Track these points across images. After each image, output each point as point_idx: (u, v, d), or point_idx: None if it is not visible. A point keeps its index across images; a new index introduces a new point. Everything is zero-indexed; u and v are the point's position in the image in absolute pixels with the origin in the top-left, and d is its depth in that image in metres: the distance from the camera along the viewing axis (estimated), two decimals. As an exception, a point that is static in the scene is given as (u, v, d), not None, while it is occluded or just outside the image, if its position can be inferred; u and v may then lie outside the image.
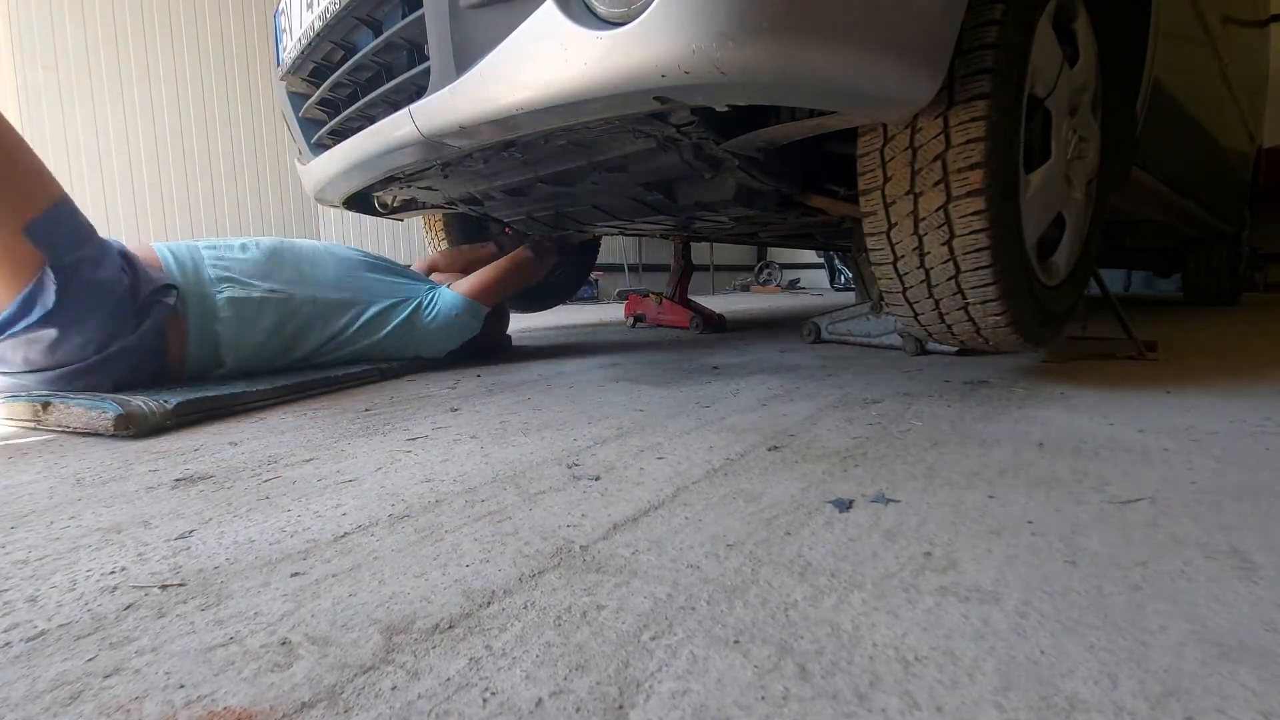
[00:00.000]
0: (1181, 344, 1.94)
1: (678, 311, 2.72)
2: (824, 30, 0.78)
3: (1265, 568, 0.50)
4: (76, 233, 1.21)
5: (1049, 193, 1.15)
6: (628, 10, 0.79)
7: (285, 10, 1.42)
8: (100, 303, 1.20)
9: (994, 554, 0.54)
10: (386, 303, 1.62)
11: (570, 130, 1.05)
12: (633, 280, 6.28)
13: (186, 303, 1.34)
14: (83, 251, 1.19)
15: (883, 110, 0.94)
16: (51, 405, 1.07)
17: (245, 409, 1.21)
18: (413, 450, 0.91)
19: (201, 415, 1.15)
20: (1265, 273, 5.36)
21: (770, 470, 0.78)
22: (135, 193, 3.29)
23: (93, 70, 3.23)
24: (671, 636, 0.43)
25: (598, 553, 0.56)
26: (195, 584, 0.52)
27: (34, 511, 0.69)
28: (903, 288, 1.13)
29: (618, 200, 1.57)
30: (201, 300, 1.36)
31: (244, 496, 0.73)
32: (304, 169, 1.63)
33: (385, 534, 0.61)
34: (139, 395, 1.12)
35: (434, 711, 0.36)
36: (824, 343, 2.07)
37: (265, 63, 3.79)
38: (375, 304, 1.61)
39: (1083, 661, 0.39)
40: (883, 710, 0.35)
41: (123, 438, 1.01)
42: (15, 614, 0.47)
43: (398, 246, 4.46)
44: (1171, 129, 1.87)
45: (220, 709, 0.36)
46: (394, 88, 1.15)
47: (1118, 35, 1.36)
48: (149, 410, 1.05)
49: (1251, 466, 0.76)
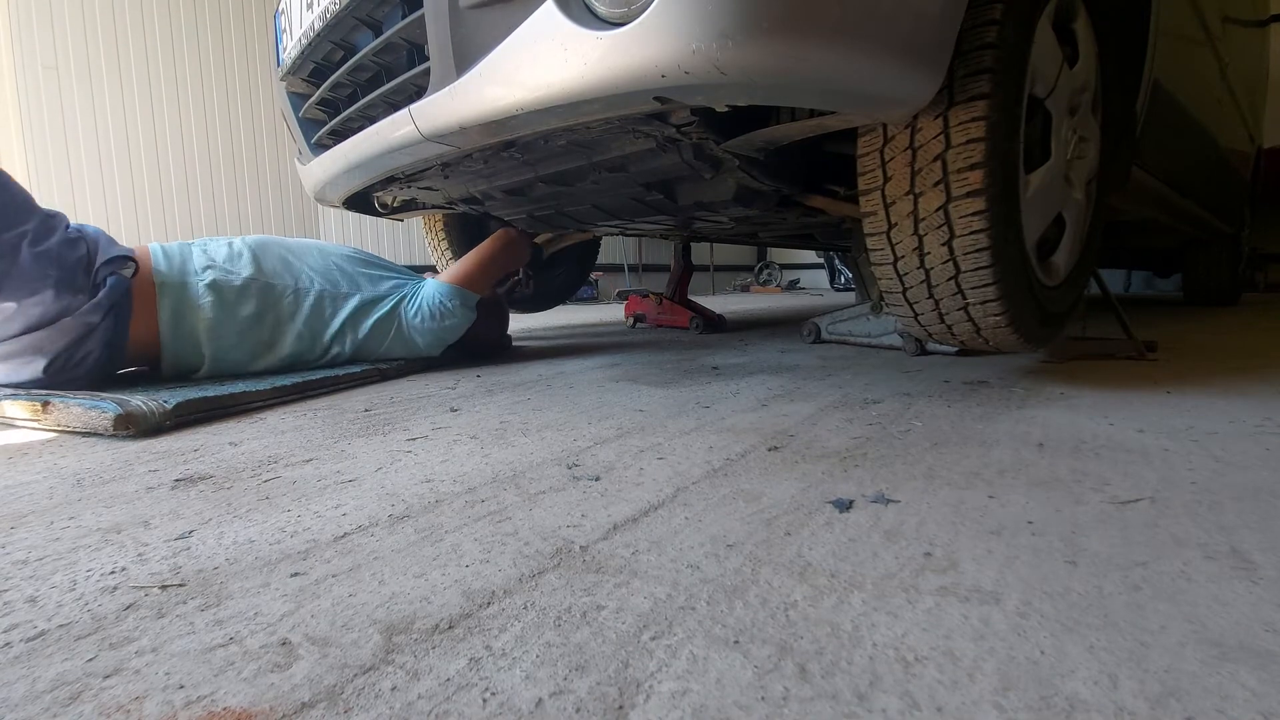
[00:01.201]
0: (1181, 344, 1.94)
1: (678, 312, 2.72)
2: (824, 30, 0.78)
3: (1265, 568, 0.50)
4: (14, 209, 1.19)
5: (1049, 193, 1.15)
6: (628, 10, 0.79)
7: (285, 10, 1.42)
8: (51, 272, 1.19)
9: (994, 554, 0.54)
10: (370, 295, 1.58)
11: (570, 130, 1.05)
12: (633, 280, 6.28)
13: (164, 291, 1.33)
14: (25, 226, 1.18)
15: (882, 110, 0.94)
16: (51, 404, 1.07)
17: (245, 409, 1.21)
18: (413, 450, 0.91)
19: (201, 415, 1.15)
20: (1265, 273, 5.36)
21: (770, 470, 0.78)
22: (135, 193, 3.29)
23: (93, 70, 3.23)
24: (671, 637, 0.43)
25: (598, 553, 0.56)
26: (195, 584, 0.52)
27: (34, 511, 0.69)
28: (903, 288, 1.13)
29: (618, 200, 1.57)
30: (181, 289, 1.35)
31: (244, 497, 0.73)
32: (304, 169, 1.63)
33: (385, 534, 0.61)
34: (138, 395, 1.12)
35: (434, 712, 0.36)
36: (824, 343, 2.07)
37: (265, 63, 3.79)
38: (357, 296, 1.57)
39: (1083, 661, 0.39)
40: (883, 710, 0.35)
41: (122, 437, 1.01)
42: (15, 614, 0.47)
43: (397, 246, 4.46)
44: (1171, 129, 1.87)
45: (220, 709, 0.36)
46: (394, 88, 1.15)
47: (1118, 35, 1.36)
48: (149, 410, 1.05)
49: (1251, 466, 0.76)
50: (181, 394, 1.17)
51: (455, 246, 2.36)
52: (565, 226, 1.93)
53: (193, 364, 1.39)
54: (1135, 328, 1.72)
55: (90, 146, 3.18)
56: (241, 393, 1.23)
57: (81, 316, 1.22)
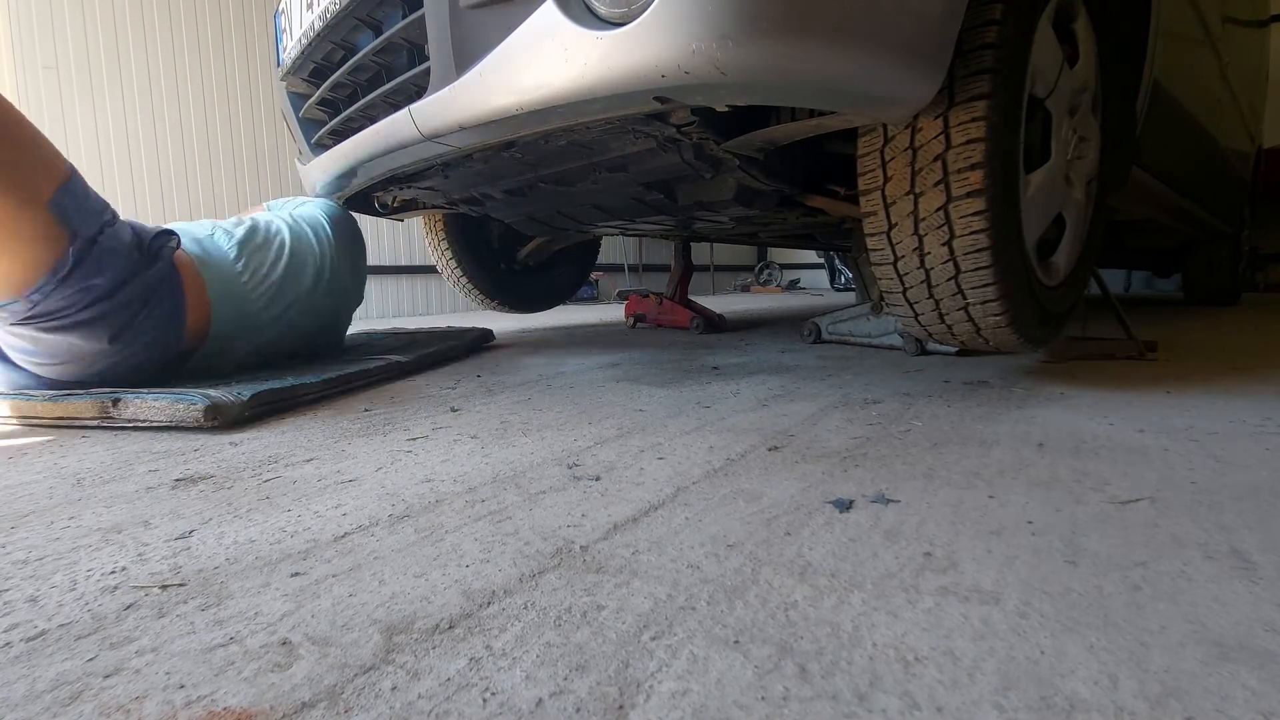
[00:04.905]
0: (1181, 344, 1.94)
1: (678, 312, 2.72)
2: (824, 30, 0.78)
3: (1265, 568, 0.50)
4: (94, 200, 1.23)
5: (1049, 193, 1.15)
6: (628, 10, 0.79)
7: (285, 10, 1.42)
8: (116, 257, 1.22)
9: (994, 554, 0.54)
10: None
11: (570, 130, 1.05)
12: (633, 280, 6.27)
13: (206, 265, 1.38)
14: (105, 217, 1.22)
15: (883, 110, 0.94)
16: (123, 400, 1.06)
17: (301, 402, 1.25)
18: (413, 450, 0.91)
19: (270, 407, 1.16)
20: (1265, 273, 5.36)
21: (770, 470, 0.78)
22: (135, 193, 3.29)
23: (93, 70, 3.23)
24: (672, 637, 0.43)
25: (598, 553, 0.56)
26: (195, 584, 0.52)
27: (34, 511, 0.69)
28: (903, 288, 1.13)
29: (618, 200, 1.57)
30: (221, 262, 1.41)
31: (244, 496, 0.73)
32: (304, 169, 1.63)
33: (385, 534, 0.61)
34: (216, 388, 1.14)
35: (434, 712, 0.36)
36: (824, 343, 2.07)
37: (265, 63, 3.79)
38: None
39: (1083, 661, 0.39)
40: (883, 710, 0.35)
41: (201, 430, 1.00)
42: (15, 614, 0.47)
43: (398, 246, 4.46)
44: (1171, 129, 1.87)
45: (220, 709, 0.36)
46: (394, 88, 1.15)
47: (1118, 35, 1.36)
48: (231, 401, 1.06)
49: (1251, 466, 0.76)
50: (250, 387, 1.19)
51: (455, 246, 2.36)
52: (565, 227, 1.93)
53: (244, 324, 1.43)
54: (1135, 328, 1.72)
55: (90, 146, 3.17)
56: (299, 384, 1.26)
57: (142, 281, 1.25)
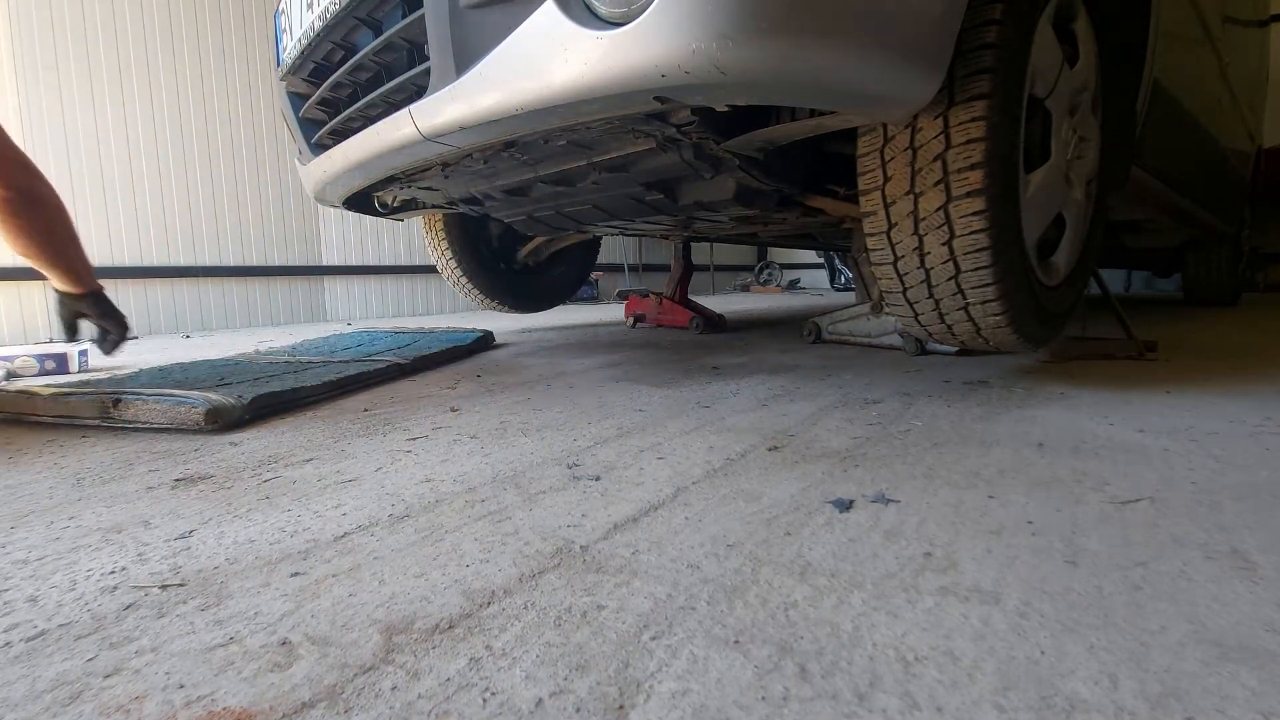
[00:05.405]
0: (1181, 344, 1.94)
1: (678, 311, 2.72)
2: (824, 30, 0.78)
3: (1265, 568, 0.50)
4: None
5: (1049, 193, 1.15)
6: (628, 10, 0.79)
7: (285, 10, 1.42)
8: None
9: (994, 554, 0.54)
10: None
11: (570, 130, 1.04)
12: (633, 280, 6.26)
13: None
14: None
15: (883, 110, 0.94)
16: (124, 401, 1.06)
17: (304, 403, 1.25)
18: (413, 450, 0.91)
19: (271, 409, 1.17)
20: (1265, 273, 5.36)
21: (770, 470, 0.78)
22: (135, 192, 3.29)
23: (93, 70, 3.23)
24: (672, 636, 0.43)
25: (598, 553, 0.56)
26: (195, 584, 0.52)
27: (34, 511, 0.69)
28: (903, 288, 1.13)
29: (618, 200, 1.57)
30: None
31: (244, 496, 0.73)
32: (304, 169, 1.63)
33: (385, 534, 0.61)
34: (217, 390, 1.14)
35: (434, 711, 0.36)
36: (824, 343, 2.07)
37: (265, 63, 3.79)
38: None
39: (1083, 661, 0.39)
40: (883, 710, 0.35)
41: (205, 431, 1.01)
42: (15, 614, 0.47)
43: (398, 246, 4.45)
44: (1171, 129, 1.87)
45: (220, 709, 0.36)
46: (394, 88, 1.15)
47: (1118, 35, 1.36)
48: (231, 404, 1.06)
49: (1251, 466, 0.76)
50: (251, 389, 1.19)
51: (455, 246, 2.36)
52: (565, 227, 1.92)
53: None
54: (1135, 328, 1.71)
55: (90, 146, 3.17)
56: (301, 387, 1.27)
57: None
